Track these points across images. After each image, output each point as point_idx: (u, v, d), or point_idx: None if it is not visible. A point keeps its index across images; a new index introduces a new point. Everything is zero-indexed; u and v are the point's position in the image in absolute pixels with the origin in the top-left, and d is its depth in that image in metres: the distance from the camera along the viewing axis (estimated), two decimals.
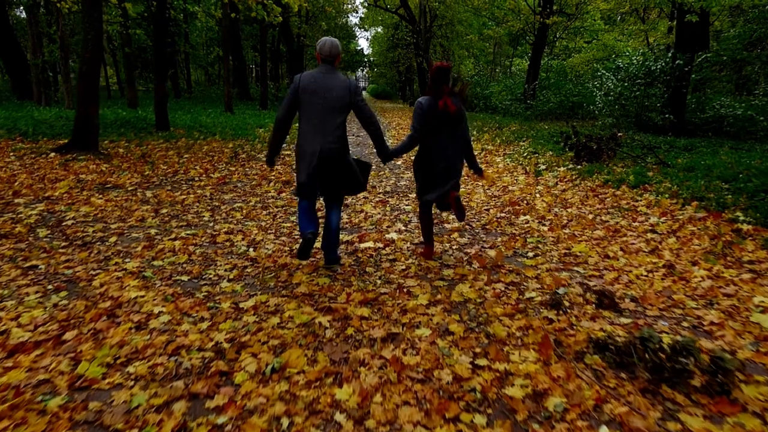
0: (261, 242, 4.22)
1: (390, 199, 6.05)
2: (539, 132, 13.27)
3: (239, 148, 9.62)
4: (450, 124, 3.58)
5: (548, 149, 10.16)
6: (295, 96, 3.26)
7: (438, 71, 3.55)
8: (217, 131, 11.81)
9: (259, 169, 7.76)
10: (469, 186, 6.91)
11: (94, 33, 7.53)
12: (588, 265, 3.83)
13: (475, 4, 23.11)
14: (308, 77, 3.28)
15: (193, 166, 7.55)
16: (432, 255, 3.93)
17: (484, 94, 24.48)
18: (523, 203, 5.88)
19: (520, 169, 8.27)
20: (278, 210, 5.36)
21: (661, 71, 12.28)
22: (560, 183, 7.08)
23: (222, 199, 5.76)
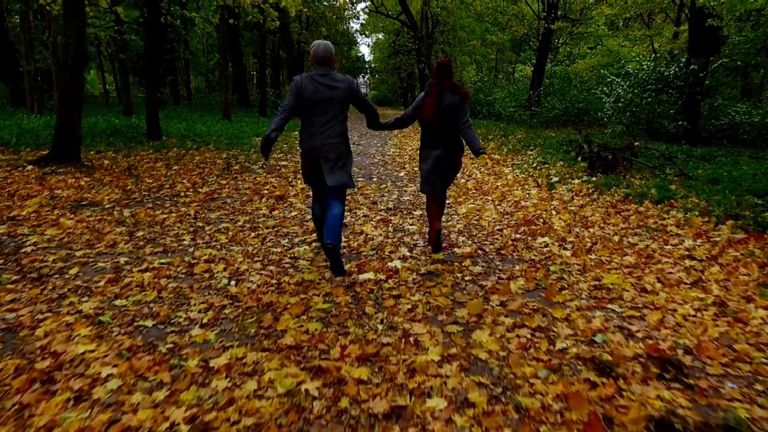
0: (245, 273, 3.68)
1: (393, 217, 5.51)
2: (547, 140, 12.75)
3: (233, 159, 9.11)
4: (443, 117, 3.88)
5: (558, 159, 9.63)
6: (296, 95, 3.42)
7: (438, 67, 3.95)
8: (212, 140, 11.31)
9: (252, 182, 7.24)
10: (478, 201, 6.37)
11: (76, 37, 7.04)
12: (624, 301, 3.28)
13: (478, 10, 22.66)
14: (308, 78, 3.45)
15: (180, 180, 7.03)
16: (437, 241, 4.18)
17: (488, 101, 23.99)
18: (539, 222, 5.34)
19: (531, 181, 7.74)
20: (268, 231, 4.83)
21: (674, 77, 11.77)
22: (576, 197, 6.54)
23: (207, 218, 5.23)
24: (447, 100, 3.84)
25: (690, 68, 11.14)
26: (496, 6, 22.80)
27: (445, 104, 3.85)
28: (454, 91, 3.88)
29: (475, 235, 4.84)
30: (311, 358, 2.46)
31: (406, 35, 32.33)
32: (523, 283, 3.57)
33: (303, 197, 6.44)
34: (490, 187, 7.34)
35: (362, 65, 47.18)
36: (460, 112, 3.86)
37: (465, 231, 5.00)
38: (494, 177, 8.19)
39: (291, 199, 6.30)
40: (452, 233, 4.91)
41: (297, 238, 4.62)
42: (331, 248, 3.36)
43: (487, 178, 8.10)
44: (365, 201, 6.29)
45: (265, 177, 7.72)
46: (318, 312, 3.02)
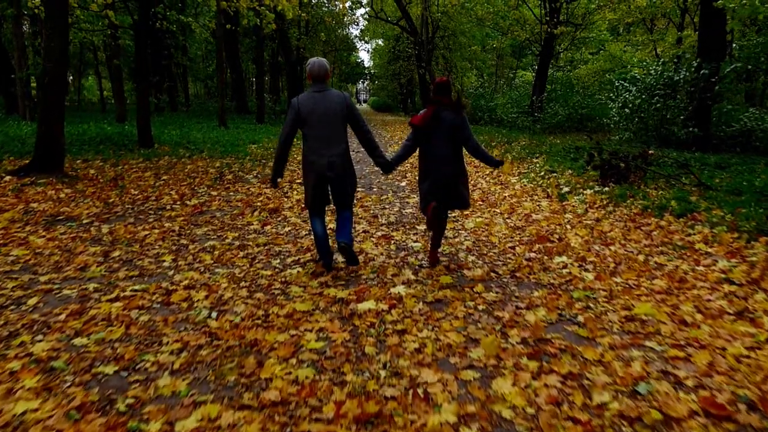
0: (229, 302, 3.25)
1: (395, 233, 5.08)
2: (552, 147, 12.35)
3: (226, 168, 8.69)
4: (439, 133, 3.83)
5: (566, 167, 9.22)
6: (295, 117, 3.55)
7: (436, 87, 3.90)
8: (206, 148, 10.91)
9: (244, 194, 6.82)
10: (486, 214, 5.95)
11: (58, 40, 6.64)
12: (663, 337, 2.85)
13: (479, 15, 22.36)
14: (305, 98, 3.56)
15: (168, 191, 6.61)
16: (436, 260, 4.10)
17: (489, 107, 23.64)
18: (554, 238, 4.91)
19: (540, 191, 7.32)
20: (259, 250, 4.40)
21: (684, 81, 11.38)
22: (590, 210, 6.12)
23: (193, 235, 4.80)
24: (447, 119, 3.82)
25: (702, 73, 10.75)
26: (497, 11, 22.49)
27: (447, 123, 3.82)
28: (454, 110, 3.85)
29: (486, 254, 4.41)
30: (300, 419, 2.03)
31: (405, 41, 32.07)
32: (544, 314, 3.14)
33: (298, 210, 6.02)
34: (497, 198, 6.92)
35: (362, 71, 46.94)
36: (463, 130, 3.85)
37: (474, 249, 4.57)
38: (501, 187, 7.77)
39: (285, 212, 5.88)
40: (460, 252, 4.48)
41: (290, 258, 4.19)
42: (344, 246, 3.68)
43: (493, 188, 7.68)
44: (365, 214, 5.87)
45: (259, 187, 7.30)
46: (310, 353, 2.59)
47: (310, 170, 3.61)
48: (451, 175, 3.87)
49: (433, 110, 3.81)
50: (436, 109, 3.81)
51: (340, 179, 3.65)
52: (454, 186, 3.90)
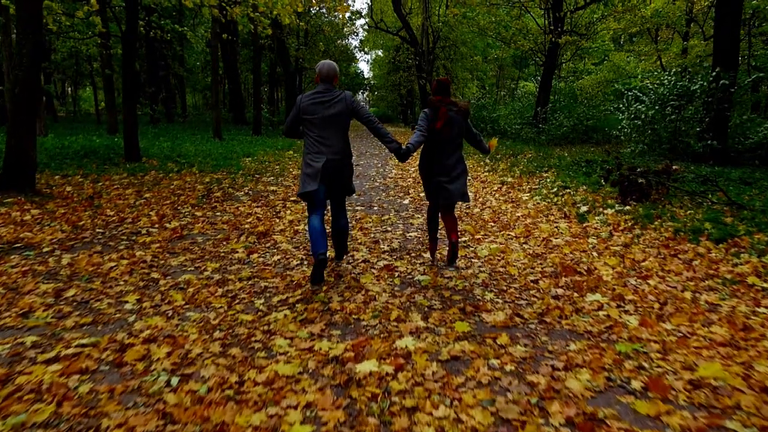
0: (196, 362, 2.62)
1: (398, 262, 4.46)
2: (561, 160, 11.77)
3: (215, 184, 8.09)
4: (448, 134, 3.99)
5: (580, 182, 8.63)
6: (297, 114, 3.64)
7: (437, 85, 4.10)
8: (197, 161, 10.32)
9: (232, 214, 6.21)
10: (500, 239, 5.33)
11: (30, 47, 6.08)
12: (746, 414, 2.22)
13: (481, 24, 21.92)
14: (309, 96, 3.62)
15: (147, 211, 6.00)
16: (436, 253, 4.49)
17: (492, 118, 23.13)
18: (581, 268, 4.29)
19: (555, 210, 6.71)
20: (241, 286, 3.77)
21: (701, 92, 10.83)
22: (615, 233, 5.51)
23: (167, 266, 4.18)
24: (455, 118, 4.00)
25: (720, 83, 10.20)
26: (500, 20, 22.06)
27: (455, 122, 4.00)
28: (458, 108, 4.05)
29: (505, 291, 3.79)
30: None
31: (406, 51, 31.69)
32: (588, 378, 2.51)
33: (290, 233, 5.41)
34: (510, 218, 6.31)
35: (361, 81, 46.61)
36: (468, 125, 4.12)
37: (491, 283, 3.95)
38: (512, 205, 7.17)
39: (276, 236, 5.26)
40: (476, 287, 3.86)
41: (276, 297, 3.57)
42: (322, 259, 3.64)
43: (504, 206, 7.08)
44: (365, 239, 5.25)
45: (249, 206, 6.69)
46: None
47: (308, 165, 3.67)
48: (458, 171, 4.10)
49: (447, 111, 3.96)
50: (447, 110, 3.97)
51: (337, 178, 3.75)
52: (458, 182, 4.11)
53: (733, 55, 10.86)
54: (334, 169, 3.68)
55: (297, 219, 6.10)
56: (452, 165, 4.07)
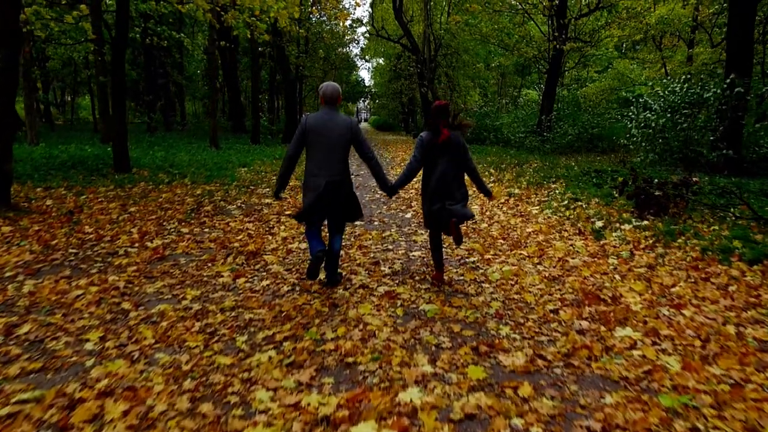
0: (158, 422, 2.16)
1: (401, 287, 4.01)
2: (569, 170, 11.35)
3: (206, 197, 7.66)
4: (447, 155, 3.85)
5: (591, 194, 8.19)
6: (302, 135, 3.63)
7: (436, 109, 3.88)
8: (190, 172, 9.90)
9: (222, 230, 5.77)
10: (512, 259, 4.88)
11: (4, 51, 5.68)
12: None
13: (484, 32, 21.61)
14: (313, 118, 3.64)
15: (130, 228, 5.56)
16: (442, 279, 4.13)
17: (495, 126, 22.76)
18: (606, 295, 3.84)
19: (568, 225, 6.26)
20: (222, 319, 3.32)
21: (714, 99, 10.41)
22: (636, 252, 5.06)
23: (141, 294, 3.73)
24: (453, 141, 3.87)
25: (735, 90, 9.78)
26: (503, 27, 21.74)
27: (453, 146, 3.88)
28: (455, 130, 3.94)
29: (523, 324, 3.33)
30: None
31: (407, 59, 31.41)
32: None
33: (283, 252, 4.96)
34: (521, 235, 5.86)
35: (362, 89, 46.35)
36: (465, 151, 3.95)
37: (506, 314, 3.50)
38: (521, 219, 6.72)
39: (267, 256, 4.82)
40: (489, 319, 3.41)
41: (262, 333, 3.11)
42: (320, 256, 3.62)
43: (513, 220, 6.63)
44: (364, 259, 4.80)
45: (241, 221, 6.26)
46: None
47: (310, 189, 3.68)
48: (458, 195, 3.90)
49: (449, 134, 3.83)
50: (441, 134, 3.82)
51: (337, 200, 3.71)
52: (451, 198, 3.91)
53: (746, 60, 10.46)
54: (334, 190, 3.66)
55: (291, 236, 5.66)
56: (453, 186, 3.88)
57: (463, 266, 4.64)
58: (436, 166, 3.86)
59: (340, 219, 3.87)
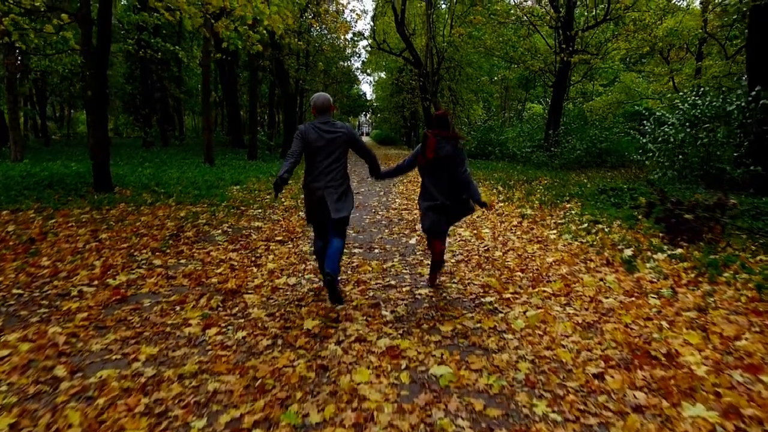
0: None
1: (406, 340, 3.29)
2: (582, 188, 10.66)
3: (190, 220, 6.97)
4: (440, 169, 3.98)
5: (611, 216, 7.50)
6: (301, 142, 3.71)
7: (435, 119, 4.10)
8: (177, 191, 9.23)
9: (200, 261, 5.07)
10: (535, 299, 4.16)
11: None
12: None
13: (488, 44, 21.10)
14: (310, 127, 3.76)
15: (94, 260, 4.86)
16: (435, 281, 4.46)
17: (500, 141, 22.15)
18: (658, 350, 3.11)
19: (593, 254, 5.54)
20: (179, 393, 2.60)
21: (738, 112, 9.76)
22: (678, 288, 4.34)
23: (84, 353, 3.02)
24: (445, 150, 3.93)
25: (761, 103, 9.13)
26: (507, 39, 21.25)
27: (443, 154, 3.93)
28: (451, 142, 3.96)
29: (563, 397, 2.61)
30: None
31: (409, 72, 30.95)
32: None
33: (268, 290, 4.26)
34: (541, 266, 5.15)
35: (364, 103, 45.96)
36: (458, 162, 3.95)
37: (538, 380, 2.77)
38: (539, 246, 6.01)
39: (248, 295, 4.11)
40: (517, 387, 2.69)
41: (226, 415, 2.39)
42: (330, 280, 3.66)
43: (530, 247, 5.92)
44: (362, 299, 4.09)
45: (225, 249, 5.56)
46: None
47: (310, 194, 3.81)
48: (450, 204, 4.02)
49: (435, 143, 3.92)
50: (437, 142, 3.93)
51: (336, 204, 3.79)
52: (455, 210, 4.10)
53: None
54: (334, 193, 3.77)
55: (279, 267, 4.96)
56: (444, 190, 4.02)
57: (479, 308, 3.92)
58: (431, 178, 4.04)
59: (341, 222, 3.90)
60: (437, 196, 4.00)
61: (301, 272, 4.88)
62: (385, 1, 25.86)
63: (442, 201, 3.99)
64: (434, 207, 4.03)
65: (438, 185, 4.00)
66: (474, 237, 6.53)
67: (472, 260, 5.36)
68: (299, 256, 5.45)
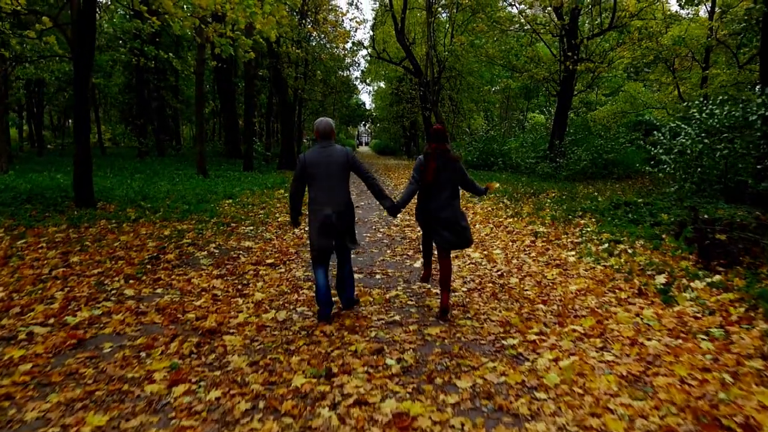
0: None
1: (416, 403, 2.67)
2: (593, 201, 10.09)
3: (174, 239, 6.37)
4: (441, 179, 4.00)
5: (631, 234, 6.91)
6: (302, 172, 3.87)
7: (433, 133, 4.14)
8: (164, 206, 8.65)
9: (179, 291, 4.47)
10: (566, 341, 3.55)
11: None
12: None
13: (490, 53, 20.64)
14: (312, 154, 3.89)
15: (56, 291, 4.26)
16: (429, 277, 4.59)
17: (502, 151, 21.63)
18: (730, 420, 2.51)
19: (621, 280, 4.94)
20: None
21: (762, 122, 9.20)
22: (728, 326, 3.74)
23: (14, 422, 2.41)
24: (447, 167, 4.00)
25: None
26: (510, 48, 20.80)
27: (447, 170, 4.00)
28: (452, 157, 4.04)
29: None
30: None
31: (409, 82, 30.52)
32: None
33: (252, 330, 3.65)
34: (565, 296, 4.54)
35: (363, 113, 45.53)
36: (462, 172, 4.08)
37: None
38: (558, 271, 5.40)
39: (229, 336, 3.50)
40: None
41: None
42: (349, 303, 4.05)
43: (548, 272, 5.32)
44: (362, 342, 3.47)
45: (208, 276, 4.96)
46: None
47: (315, 218, 3.89)
48: (451, 218, 4.01)
49: (436, 161, 3.96)
50: (438, 159, 3.97)
51: (342, 226, 3.89)
52: (454, 227, 4.02)
53: None
54: (339, 219, 3.84)
55: (269, 298, 4.36)
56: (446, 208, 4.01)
57: (500, 354, 3.32)
58: (430, 192, 4.04)
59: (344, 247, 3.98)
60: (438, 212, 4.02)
61: (293, 304, 4.28)
62: (385, 10, 25.50)
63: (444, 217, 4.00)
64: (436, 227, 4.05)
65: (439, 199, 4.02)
66: (485, 259, 5.94)
67: (485, 288, 4.76)
68: (291, 283, 4.85)
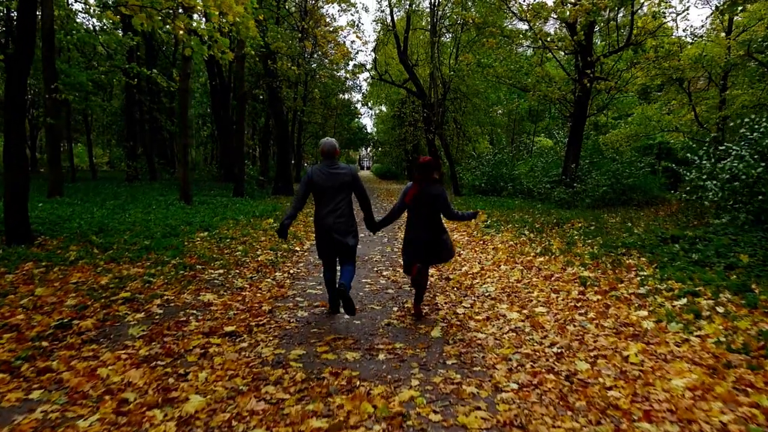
0: None
1: None
2: (630, 234, 8.56)
3: (108, 291, 4.79)
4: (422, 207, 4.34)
5: (709, 281, 5.34)
6: (307, 187, 4.16)
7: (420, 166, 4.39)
8: (121, 241, 7.10)
9: (66, 395, 2.88)
10: None
11: None
12: None
13: (499, 72, 19.39)
14: (317, 170, 4.16)
15: None
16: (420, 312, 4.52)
17: (512, 176, 20.20)
18: None
19: (744, 367, 3.35)
20: None
21: None
22: None
23: None
24: (429, 193, 4.30)
25: None
26: (519, 67, 19.56)
27: (428, 195, 4.30)
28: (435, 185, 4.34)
29: None
30: None
31: (411, 104, 29.36)
32: None
33: None
34: (675, 401, 2.93)
35: (364, 136, 44.39)
36: (442, 202, 4.34)
37: None
38: (640, 345, 3.79)
39: None
40: None
41: None
42: (342, 290, 3.99)
43: (625, 347, 3.71)
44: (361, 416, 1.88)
45: (130, 357, 3.37)
46: None
47: (320, 230, 4.15)
48: (431, 240, 4.35)
49: (419, 187, 4.30)
50: (421, 186, 4.30)
51: (344, 237, 4.15)
52: (432, 248, 4.37)
53: None
54: (341, 230, 4.10)
55: (209, 409, 2.76)
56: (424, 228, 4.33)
57: None
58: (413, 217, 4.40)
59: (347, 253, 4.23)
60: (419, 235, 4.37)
61: (245, 420, 2.67)
62: (387, 30, 24.47)
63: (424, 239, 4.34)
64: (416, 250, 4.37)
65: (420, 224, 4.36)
66: (528, 323, 4.34)
67: (546, 384, 3.14)
68: (252, 374, 3.23)
